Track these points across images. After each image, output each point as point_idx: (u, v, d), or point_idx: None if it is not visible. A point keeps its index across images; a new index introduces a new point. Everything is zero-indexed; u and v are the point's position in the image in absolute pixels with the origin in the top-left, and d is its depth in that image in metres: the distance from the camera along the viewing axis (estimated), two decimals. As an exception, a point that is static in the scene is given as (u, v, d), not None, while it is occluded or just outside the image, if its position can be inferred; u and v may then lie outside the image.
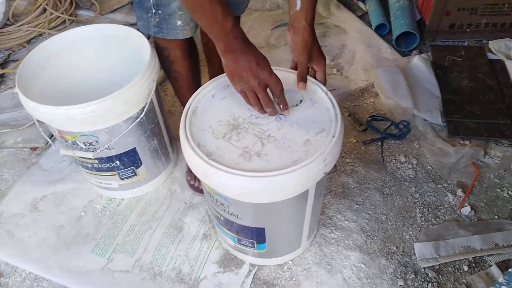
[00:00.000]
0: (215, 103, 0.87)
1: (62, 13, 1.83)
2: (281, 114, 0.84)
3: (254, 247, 1.00)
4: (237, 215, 0.88)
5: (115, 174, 1.17)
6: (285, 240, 1.02)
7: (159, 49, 1.08)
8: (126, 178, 1.19)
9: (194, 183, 1.27)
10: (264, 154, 0.77)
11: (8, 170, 1.39)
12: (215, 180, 0.75)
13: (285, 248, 1.06)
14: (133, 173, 1.19)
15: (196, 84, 1.17)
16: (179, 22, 0.98)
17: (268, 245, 0.99)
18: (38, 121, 1.05)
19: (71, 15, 1.88)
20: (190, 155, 0.77)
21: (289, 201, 0.82)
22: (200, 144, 0.79)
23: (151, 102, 1.08)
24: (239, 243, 1.00)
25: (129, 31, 1.13)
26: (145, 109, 1.05)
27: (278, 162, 0.75)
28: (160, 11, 0.97)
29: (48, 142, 1.44)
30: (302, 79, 0.87)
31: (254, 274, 1.09)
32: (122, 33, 1.15)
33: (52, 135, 1.33)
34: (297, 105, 0.85)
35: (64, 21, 1.84)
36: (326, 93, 0.87)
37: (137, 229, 1.20)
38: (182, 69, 1.11)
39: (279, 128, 0.81)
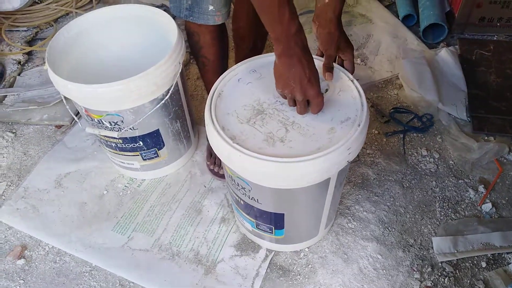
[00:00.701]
0: (240, 87, 0.88)
1: (89, -6, 1.84)
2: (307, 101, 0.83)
3: (272, 233, 1.01)
4: (257, 199, 0.88)
5: (138, 155, 1.18)
6: (303, 227, 1.03)
7: (190, 33, 1.08)
8: (149, 159, 1.21)
9: (214, 168, 1.28)
10: (287, 140, 0.77)
11: (34, 146, 1.42)
12: (238, 163, 0.76)
13: (302, 235, 1.07)
14: (155, 155, 1.20)
15: (223, 70, 1.17)
16: (211, 7, 0.97)
17: (286, 231, 1.00)
18: (65, 98, 1.07)
19: (96, -5, 1.90)
20: (215, 138, 0.78)
21: (311, 188, 0.82)
22: (224, 127, 0.79)
23: (176, 84, 1.08)
24: (257, 228, 1.02)
25: (156, 12, 1.14)
26: (170, 91, 1.06)
27: (301, 149, 0.75)
28: None
29: (73, 120, 1.47)
30: (328, 69, 0.87)
31: (271, 259, 1.10)
32: (150, 14, 1.15)
33: (78, 113, 1.35)
34: (323, 93, 0.85)
35: (91, 1, 1.86)
36: (352, 81, 0.86)
37: (157, 209, 1.22)
38: (211, 55, 1.11)
39: (304, 115, 0.81)
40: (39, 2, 1.75)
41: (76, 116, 1.27)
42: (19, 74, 1.64)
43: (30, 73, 1.65)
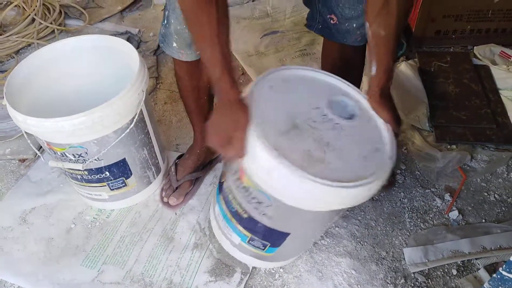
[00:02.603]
0: (272, 95, 0.83)
1: (51, 23, 1.82)
2: (337, 123, 0.81)
3: (263, 249, 0.97)
4: (270, 216, 0.85)
5: (105, 185, 1.16)
6: (298, 246, 1.01)
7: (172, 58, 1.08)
8: (116, 188, 1.19)
9: (167, 200, 1.26)
10: (327, 162, 0.74)
11: (-3, 182, 1.38)
12: (276, 179, 0.72)
13: (291, 254, 1.05)
14: (123, 184, 1.18)
15: (200, 106, 1.16)
16: (174, 44, 0.99)
17: (279, 250, 0.97)
18: (26, 133, 1.04)
19: (60, 25, 1.88)
20: (254, 145, 0.73)
21: (331, 211, 0.80)
22: (263, 134, 0.74)
23: (141, 112, 1.08)
24: (248, 243, 0.97)
25: (118, 41, 1.13)
26: (134, 120, 1.05)
27: (341, 173, 0.72)
28: (166, 25, 0.98)
29: (37, 154, 1.43)
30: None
31: (246, 282, 1.09)
32: (112, 44, 1.15)
33: (41, 147, 1.32)
34: (349, 118, 0.83)
35: (53, 31, 1.84)
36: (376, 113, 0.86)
37: (127, 240, 1.19)
38: (182, 86, 1.12)
39: (336, 138, 0.79)
40: (-2, 34, 1.73)
41: (39, 150, 1.25)
42: (-21, 108, 1.59)
43: (-9, 107, 1.60)
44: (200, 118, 1.21)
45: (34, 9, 1.76)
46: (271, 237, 0.92)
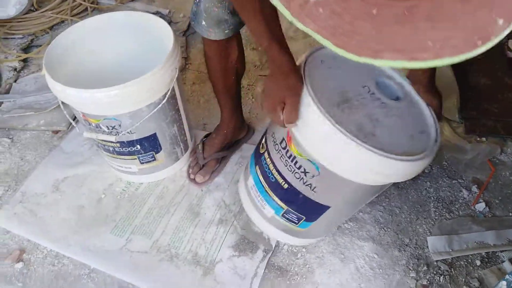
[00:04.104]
0: (323, 70, 0.85)
1: (84, 1, 1.86)
2: (384, 103, 0.83)
3: (296, 223, 0.98)
4: (314, 187, 0.86)
5: (135, 158, 1.19)
6: (330, 224, 1.02)
7: (202, 37, 1.09)
8: (146, 162, 1.22)
9: (191, 174, 1.29)
10: (377, 136, 0.76)
11: (31, 151, 1.43)
12: (332, 146, 0.74)
13: (320, 232, 1.06)
14: (153, 158, 1.21)
15: (227, 87, 1.18)
16: (203, 22, 1.00)
17: (312, 226, 0.98)
18: (62, 104, 1.08)
19: (92, 3, 1.91)
20: (312, 112, 0.75)
21: (378, 186, 0.83)
22: (319, 102, 0.76)
23: (173, 89, 1.10)
24: (282, 216, 0.98)
25: (153, 18, 1.15)
26: (167, 96, 1.07)
27: (392, 148, 0.74)
28: (198, 3, 0.99)
29: (70, 125, 1.48)
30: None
31: (268, 259, 1.11)
32: (146, 21, 1.16)
33: (75, 118, 1.36)
34: (395, 99, 0.85)
35: (86, 9, 1.88)
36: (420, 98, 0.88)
37: (155, 212, 1.23)
38: (210, 66, 1.13)
39: (385, 116, 0.81)
40: (34, 10, 1.77)
41: (73, 120, 1.29)
42: (15, 81, 1.64)
43: (26, 80, 1.65)
44: (227, 99, 1.22)
45: (69, -14, 1.80)
46: (308, 210, 0.93)
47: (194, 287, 1.07)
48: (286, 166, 0.88)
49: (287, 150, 0.86)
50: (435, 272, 1.09)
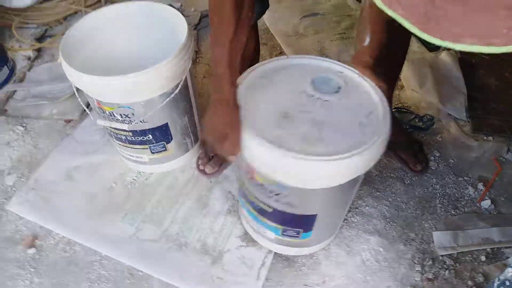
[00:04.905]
0: (259, 90, 0.87)
1: (98, -7, 1.88)
2: (326, 100, 0.84)
3: (297, 237, 1.00)
4: (293, 203, 0.87)
5: (147, 148, 1.22)
6: (329, 225, 1.04)
7: None
8: (157, 152, 1.24)
9: (201, 165, 1.31)
10: (326, 139, 0.77)
11: (44, 140, 1.45)
12: (282, 168, 0.76)
13: (326, 234, 1.08)
14: (164, 148, 1.24)
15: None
16: None
17: (314, 233, 1.00)
18: (77, 91, 1.10)
19: (106, -5, 1.94)
20: (256, 146, 0.76)
21: (347, 184, 0.83)
22: (259, 130, 0.78)
23: (185, 79, 1.12)
24: (282, 234, 1.00)
25: (168, 9, 1.17)
26: (179, 86, 1.09)
27: (342, 145, 0.75)
28: None
29: (82, 113, 1.51)
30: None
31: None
32: (160, 11, 1.19)
33: (88, 105, 1.37)
34: (336, 91, 0.86)
35: (99, 0, 1.90)
36: (363, 78, 0.88)
37: (164, 202, 1.25)
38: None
39: (328, 114, 0.82)
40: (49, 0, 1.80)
41: (87, 108, 1.31)
42: (29, 70, 1.67)
43: (40, 69, 1.68)
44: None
45: (83, -21, 1.82)
46: (300, 223, 0.95)
47: (203, 275, 1.09)
48: (262, 193, 0.90)
49: (254, 180, 0.89)
50: (440, 267, 1.10)
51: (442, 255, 1.12)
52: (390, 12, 0.45)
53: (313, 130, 0.79)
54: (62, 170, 1.35)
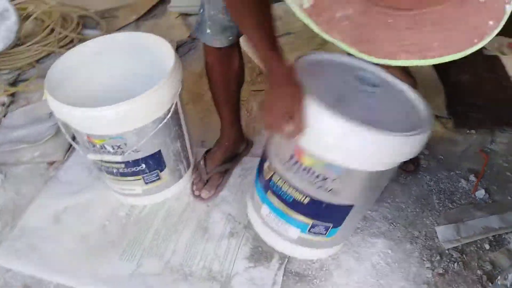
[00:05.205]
0: (310, 76, 0.86)
1: (70, 32, 1.87)
2: (371, 92, 0.88)
3: (325, 234, 0.98)
4: (337, 190, 0.87)
5: (140, 179, 1.18)
6: (355, 222, 1.04)
7: (203, 47, 1.11)
8: (150, 182, 1.21)
9: (196, 190, 1.29)
10: (380, 121, 0.79)
11: (26, 185, 1.39)
12: (347, 140, 0.76)
13: (347, 233, 1.07)
14: (157, 177, 1.20)
15: (228, 93, 1.19)
16: (208, 31, 1.03)
17: (340, 230, 0.99)
18: (64, 128, 1.07)
19: (78, 34, 1.92)
20: (326, 117, 0.76)
21: (388, 171, 0.86)
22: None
23: (176, 103, 1.11)
24: (309, 232, 0.98)
25: (152, 38, 1.17)
26: (171, 110, 1.08)
27: (398, 128, 0.78)
28: (202, 12, 1.02)
29: (65, 155, 1.46)
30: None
31: (285, 267, 1.10)
32: (145, 40, 1.18)
33: (74, 138, 1.31)
34: (376, 86, 0.90)
35: (72, 40, 1.89)
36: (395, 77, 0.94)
37: (163, 232, 1.21)
38: (215, 75, 1.15)
39: (378, 103, 0.87)
40: (20, 44, 1.76)
41: (69, 149, 1.27)
42: (4, 116, 1.62)
43: (15, 114, 1.63)
44: (228, 109, 1.24)
45: (53, 20, 1.81)
46: (334, 216, 0.94)
47: (214, 302, 1.05)
48: (303, 180, 0.88)
49: (300, 164, 0.87)
50: (448, 260, 1.10)
51: (448, 249, 1.13)
52: (327, 37, 0.53)
53: (368, 114, 0.81)
54: (50, 214, 1.29)
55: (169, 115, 1.08)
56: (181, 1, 2.22)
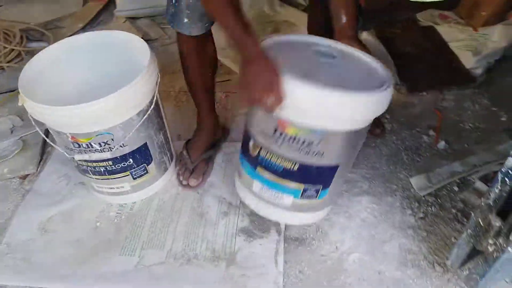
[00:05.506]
0: (277, 53, 0.92)
1: (16, 46, 1.79)
2: (332, 62, 0.96)
3: (315, 196, 1.04)
4: (322, 151, 0.93)
5: (128, 175, 1.18)
6: (341, 182, 1.11)
7: (177, 39, 1.14)
8: (139, 177, 1.21)
9: (182, 179, 1.31)
10: (351, 86, 0.86)
11: (2, 202, 1.32)
12: (325, 104, 0.83)
13: (336, 195, 1.14)
14: (145, 171, 1.21)
15: (204, 80, 1.23)
16: (185, 20, 1.06)
17: (329, 191, 1.05)
18: (46, 135, 1.04)
19: (24, 47, 1.85)
20: (300, 87, 0.83)
21: (364, 129, 0.94)
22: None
23: (156, 95, 1.13)
24: (301, 197, 1.03)
25: (124, 35, 1.18)
26: (154, 101, 1.10)
27: (367, 88, 0.87)
28: (176, 3, 1.04)
29: (38, 167, 1.41)
30: None
31: (284, 234, 1.16)
32: (114, 38, 1.19)
33: (41, 159, 1.27)
34: (334, 57, 0.98)
35: (19, 54, 1.81)
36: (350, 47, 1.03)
37: (159, 224, 1.22)
38: (191, 63, 1.18)
39: (342, 70, 0.95)
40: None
41: (40, 160, 1.22)
42: (-40, 137, 1.52)
43: (-27, 134, 1.54)
44: (205, 96, 1.28)
45: (-5, 35, 1.73)
46: (323, 177, 1.01)
47: (222, 278, 1.08)
48: (290, 148, 0.95)
49: (285, 135, 0.93)
50: (426, 205, 1.23)
51: (424, 196, 1.25)
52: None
53: (335, 80, 0.88)
54: (34, 226, 1.24)
55: (152, 106, 1.10)
56: (128, 5, 2.20)
